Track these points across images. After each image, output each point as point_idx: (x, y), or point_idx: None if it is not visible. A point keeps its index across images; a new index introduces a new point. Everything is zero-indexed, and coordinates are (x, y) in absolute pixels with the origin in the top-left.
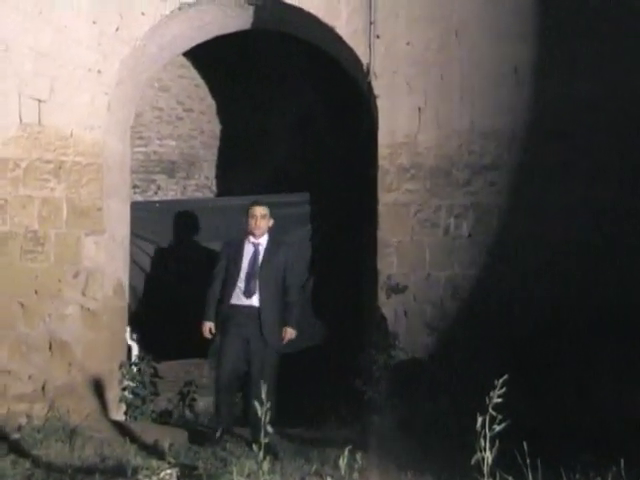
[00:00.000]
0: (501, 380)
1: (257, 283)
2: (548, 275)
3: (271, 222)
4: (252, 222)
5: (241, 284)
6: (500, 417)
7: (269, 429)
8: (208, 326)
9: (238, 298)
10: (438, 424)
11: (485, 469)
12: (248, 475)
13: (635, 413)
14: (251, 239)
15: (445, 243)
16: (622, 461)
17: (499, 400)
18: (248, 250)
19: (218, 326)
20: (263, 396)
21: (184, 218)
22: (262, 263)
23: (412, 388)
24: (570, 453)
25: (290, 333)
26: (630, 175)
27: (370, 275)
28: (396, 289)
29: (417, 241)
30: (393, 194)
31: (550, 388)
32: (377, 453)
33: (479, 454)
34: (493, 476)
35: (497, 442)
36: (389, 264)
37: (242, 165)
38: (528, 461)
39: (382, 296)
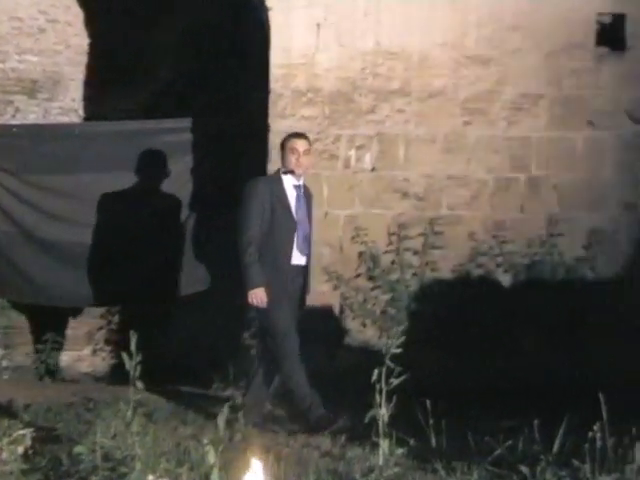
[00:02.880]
0: (400, 329)
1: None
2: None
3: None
4: (292, 158)
5: (298, 239)
6: (399, 369)
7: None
8: (261, 294)
9: (296, 257)
10: (335, 381)
11: (380, 427)
12: (114, 436)
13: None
14: (292, 180)
15: (345, 178)
16: (535, 423)
17: (397, 351)
18: (292, 194)
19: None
20: None
21: (46, 146)
22: (308, 212)
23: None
24: (490, 417)
25: None
26: None
27: None
28: None
29: (313, 175)
30: (287, 121)
31: (474, 348)
32: (260, 413)
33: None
34: (390, 435)
35: (394, 397)
36: None
37: (116, 86)
38: (431, 422)
39: None
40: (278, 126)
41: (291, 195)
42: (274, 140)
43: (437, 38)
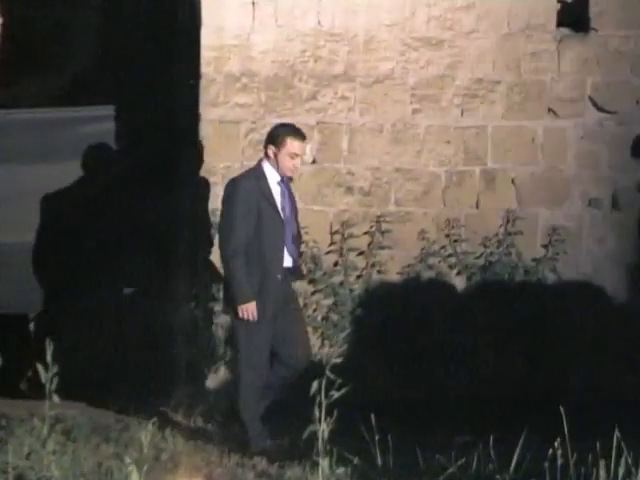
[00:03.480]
0: (343, 336)
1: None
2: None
3: None
4: (290, 164)
5: (287, 240)
6: (340, 381)
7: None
8: (252, 308)
9: (286, 260)
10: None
11: (320, 444)
12: (28, 456)
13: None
14: (275, 175)
15: None
16: (491, 439)
17: (339, 360)
18: (276, 191)
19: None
20: None
21: None
22: (293, 209)
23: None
24: (442, 432)
25: None
26: None
27: (194, 211)
28: None
29: (249, 168)
30: (219, 109)
31: (424, 357)
32: (191, 429)
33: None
34: (331, 453)
35: (336, 412)
36: (214, 197)
37: (29, 69)
38: (377, 437)
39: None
40: (210, 115)
41: (276, 192)
42: (206, 130)
43: (384, 18)
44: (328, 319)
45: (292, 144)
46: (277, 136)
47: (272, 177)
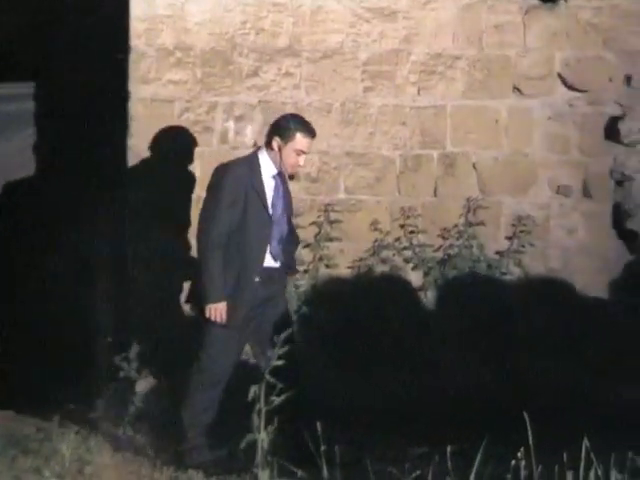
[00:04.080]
0: (283, 335)
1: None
2: None
3: None
4: (294, 160)
5: (273, 241)
6: (281, 386)
7: None
8: (222, 309)
9: (268, 262)
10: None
11: (260, 454)
12: None
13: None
14: (271, 167)
15: (222, 154)
16: (448, 449)
17: (279, 363)
18: (269, 185)
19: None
20: None
21: None
22: (287, 207)
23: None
24: (396, 443)
25: None
26: None
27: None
28: None
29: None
30: (151, 86)
31: (377, 360)
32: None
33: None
34: (271, 465)
35: (277, 419)
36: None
37: None
38: (323, 448)
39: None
40: (140, 92)
41: (269, 186)
42: (136, 110)
43: None
44: None
45: (301, 141)
46: (287, 129)
47: (267, 170)
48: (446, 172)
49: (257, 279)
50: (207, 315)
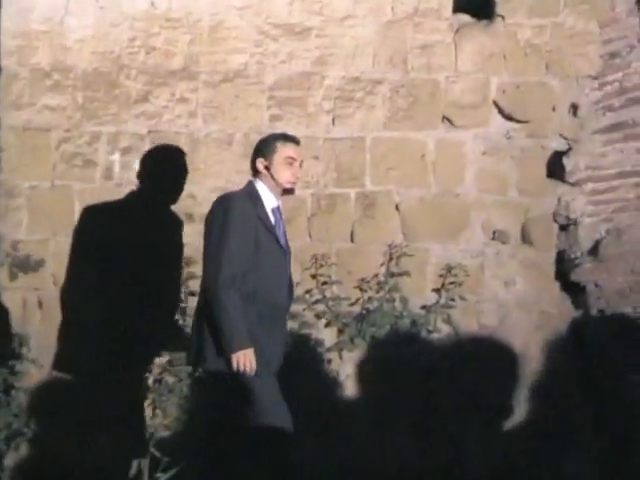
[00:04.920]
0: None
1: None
2: None
3: None
4: (288, 172)
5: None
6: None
7: None
8: (250, 356)
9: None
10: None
11: None
12: None
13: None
14: (272, 200)
15: (105, 192)
16: None
17: (165, 434)
18: (272, 219)
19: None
20: None
21: None
22: (287, 246)
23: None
24: None
25: None
26: None
27: None
28: (26, 265)
29: (62, 188)
30: (24, 113)
31: None
32: None
33: None
34: None
35: None
36: (16, 225)
37: None
38: None
39: (3, 275)
40: (11, 119)
41: (273, 219)
42: (6, 139)
43: None
44: (162, 381)
45: (283, 148)
46: (265, 145)
47: (268, 201)
48: (365, 214)
49: (286, 316)
50: (235, 366)
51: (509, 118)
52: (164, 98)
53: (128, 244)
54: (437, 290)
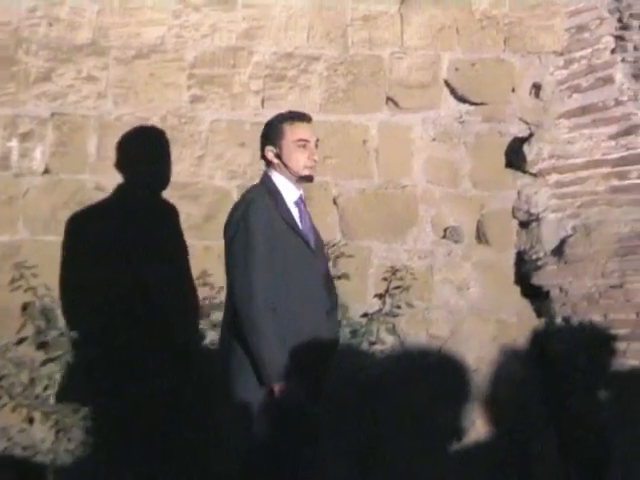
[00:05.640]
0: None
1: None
2: None
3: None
4: (302, 156)
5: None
6: None
7: None
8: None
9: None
10: None
11: None
12: None
13: None
14: (292, 190)
15: (2, 183)
16: None
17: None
18: (295, 214)
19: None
20: None
21: None
22: (317, 234)
23: None
24: None
25: None
26: None
27: None
28: None
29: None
30: None
31: None
32: None
33: None
34: None
35: None
36: None
37: None
38: None
39: None
40: None
41: (295, 216)
42: None
43: None
44: None
45: (292, 130)
46: (270, 130)
47: (288, 194)
48: None
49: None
50: (278, 397)
51: (462, 100)
52: (69, 76)
53: None
54: (380, 296)
